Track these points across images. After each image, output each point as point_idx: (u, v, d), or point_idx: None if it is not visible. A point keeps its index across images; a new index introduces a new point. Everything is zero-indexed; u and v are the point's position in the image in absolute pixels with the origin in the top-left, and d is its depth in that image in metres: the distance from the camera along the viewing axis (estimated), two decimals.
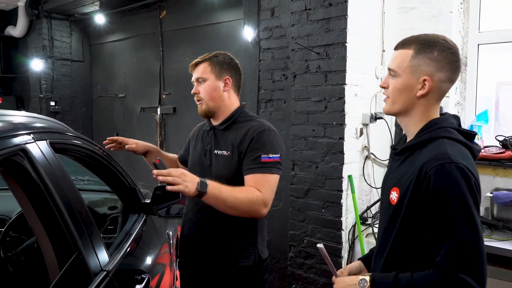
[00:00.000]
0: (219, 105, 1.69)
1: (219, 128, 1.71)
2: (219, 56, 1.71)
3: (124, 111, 5.68)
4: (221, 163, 1.65)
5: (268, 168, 1.55)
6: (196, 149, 1.78)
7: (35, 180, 1.05)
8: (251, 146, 1.58)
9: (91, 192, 2.42)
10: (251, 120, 1.69)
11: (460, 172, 1.02)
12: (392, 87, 1.18)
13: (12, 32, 5.83)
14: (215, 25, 4.53)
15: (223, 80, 1.69)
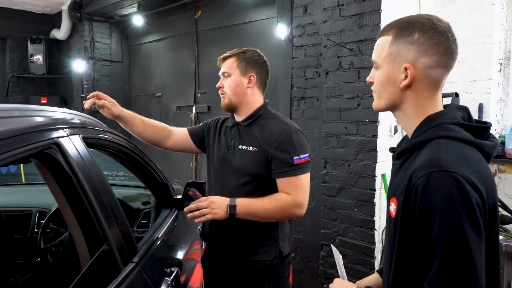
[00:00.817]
0: (241, 100, 1.71)
1: (242, 124, 1.72)
2: (247, 53, 1.72)
3: (161, 110, 5.82)
4: (246, 158, 1.66)
5: (301, 169, 1.59)
6: (220, 144, 1.78)
7: (67, 173, 1.09)
8: (280, 149, 1.59)
9: (125, 187, 2.50)
10: (274, 118, 1.70)
11: (453, 183, 0.82)
12: (376, 81, 1.02)
13: (57, 34, 6.10)
14: (249, 24, 4.55)
15: (248, 76, 1.70)
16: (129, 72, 6.37)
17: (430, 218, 0.83)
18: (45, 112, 1.16)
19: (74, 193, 1.11)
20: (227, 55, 1.74)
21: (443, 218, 0.82)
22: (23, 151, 0.92)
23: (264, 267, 1.66)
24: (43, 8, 6.06)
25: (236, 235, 1.68)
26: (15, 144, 0.89)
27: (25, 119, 1.01)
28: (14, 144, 0.89)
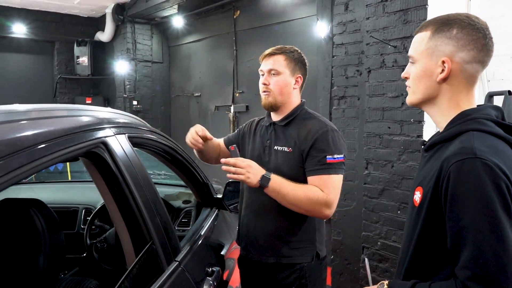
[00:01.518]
0: (286, 101, 1.66)
1: (279, 124, 1.68)
2: (295, 52, 1.67)
3: (199, 110, 5.89)
4: (281, 159, 1.62)
5: (334, 169, 1.52)
6: (255, 144, 1.75)
7: (114, 171, 1.11)
8: (314, 147, 1.54)
9: (167, 186, 2.54)
10: (312, 118, 1.65)
11: (485, 170, 0.84)
12: (412, 75, 1.05)
13: (101, 37, 6.32)
14: (288, 23, 4.52)
15: (296, 77, 1.66)
16: (169, 72, 6.50)
17: (462, 203, 0.86)
18: (92, 112, 1.19)
19: (120, 191, 1.13)
20: (274, 51, 1.66)
21: (476, 204, 0.85)
22: (73, 150, 0.94)
23: (301, 269, 1.62)
24: (89, 12, 6.29)
25: (272, 236, 1.64)
26: (66, 143, 0.91)
27: (75, 118, 1.04)
28: (65, 143, 0.91)
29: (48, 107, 1.00)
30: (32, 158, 0.79)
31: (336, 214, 3.37)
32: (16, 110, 0.88)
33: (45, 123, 0.92)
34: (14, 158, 0.74)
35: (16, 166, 0.75)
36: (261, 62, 1.69)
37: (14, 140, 0.79)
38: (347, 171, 3.26)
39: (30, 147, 0.80)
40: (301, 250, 1.62)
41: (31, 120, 0.91)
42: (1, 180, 0.69)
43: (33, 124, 0.90)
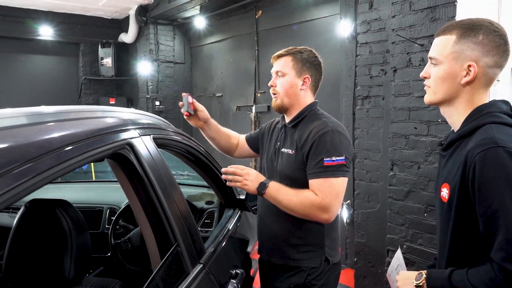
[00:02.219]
0: (293, 102, 1.64)
1: (288, 125, 1.67)
2: (304, 53, 1.64)
3: (221, 110, 5.90)
4: (285, 161, 1.61)
5: (331, 172, 1.48)
6: (270, 146, 1.75)
7: (139, 173, 1.11)
8: (313, 150, 1.51)
9: (190, 186, 2.54)
10: (317, 119, 1.60)
11: (509, 155, 0.92)
12: (434, 76, 1.10)
13: (124, 38, 6.40)
14: (310, 22, 4.47)
15: (303, 78, 1.62)
16: (191, 73, 6.54)
17: (490, 190, 0.93)
18: (118, 113, 1.19)
19: (145, 193, 1.13)
20: (282, 53, 1.66)
21: (503, 188, 0.91)
22: (100, 151, 0.94)
23: (307, 272, 1.58)
24: (112, 14, 6.38)
25: (279, 239, 1.63)
26: (93, 145, 0.91)
27: (101, 120, 1.04)
28: (92, 145, 0.91)
29: (74, 109, 1.00)
30: (60, 160, 0.79)
31: (359, 216, 3.32)
32: (43, 112, 0.89)
33: (72, 125, 0.92)
34: (43, 160, 0.74)
35: (45, 168, 0.75)
36: (273, 64, 1.69)
37: (42, 142, 0.79)
38: (371, 172, 3.21)
39: (58, 149, 0.79)
40: (308, 254, 1.59)
41: (59, 122, 0.91)
42: (31, 182, 0.69)
43: (60, 126, 0.90)
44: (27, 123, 0.83)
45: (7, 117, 0.78)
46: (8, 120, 0.78)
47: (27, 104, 4.42)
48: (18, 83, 6.18)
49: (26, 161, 0.70)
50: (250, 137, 1.93)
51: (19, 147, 0.72)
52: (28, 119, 0.85)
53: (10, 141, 0.73)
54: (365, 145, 3.23)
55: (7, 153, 0.69)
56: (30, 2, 5.63)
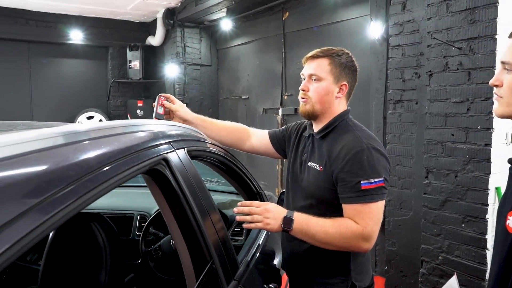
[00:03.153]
0: (325, 110, 1.47)
1: (316, 136, 1.49)
2: (342, 56, 1.46)
3: (247, 112, 5.88)
4: (312, 178, 1.44)
5: (371, 196, 1.31)
6: (296, 156, 1.58)
7: (174, 188, 1.08)
8: (347, 170, 1.33)
9: (219, 193, 2.52)
10: (349, 131, 1.42)
11: None
12: (509, 84, 0.93)
13: (152, 41, 6.47)
14: (339, 24, 4.39)
15: (340, 85, 1.46)
16: (217, 75, 6.55)
17: None
18: (151, 127, 1.16)
19: (180, 209, 1.10)
20: (318, 54, 1.46)
21: None
22: (136, 169, 0.92)
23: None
24: (140, 17, 6.46)
25: (303, 258, 1.49)
26: (129, 163, 0.89)
27: (135, 135, 1.01)
28: (129, 163, 0.89)
29: (107, 125, 0.97)
30: (99, 181, 0.76)
31: (390, 224, 3.23)
32: (76, 131, 0.87)
33: (107, 142, 0.90)
34: (82, 182, 0.72)
35: (87, 190, 0.73)
36: (304, 65, 1.51)
37: (80, 162, 0.77)
38: (403, 179, 3.11)
39: (96, 169, 0.77)
40: (332, 279, 1.44)
41: (93, 140, 0.89)
42: (70, 208, 0.67)
43: (96, 144, 0.88)
44: (63, 143, 0.81)
45: (43, 138, 0.76)
46: (44, 141, 0.76)
47: (59, 106, 4.52)
48: (51, 86, 6.34)
49: (67, 185, 0.68)
50: (275, 134, 1.73)
51: (58, 170, 0.70)
52: (63, 138, 0.83)
53: (49, 163, 0.71)
54: (397, 151, 3.14)
55: (47, 176, 0.67)
56: (62, 7, 5.76)
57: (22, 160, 0.65)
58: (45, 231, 0.61)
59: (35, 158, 0.68)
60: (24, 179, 0.61)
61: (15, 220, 0.53)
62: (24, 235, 0.54)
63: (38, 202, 0.59)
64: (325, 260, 1.43)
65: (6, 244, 0.51)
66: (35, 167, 0.66)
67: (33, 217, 0.57)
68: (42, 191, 0.63)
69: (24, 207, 0.56)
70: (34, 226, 0.56)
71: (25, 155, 0.66)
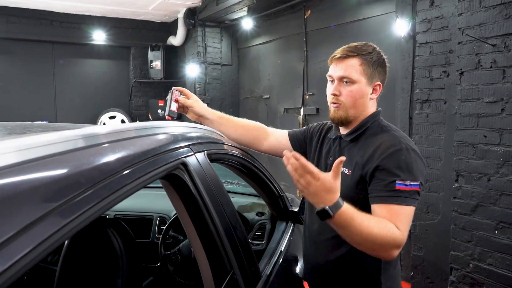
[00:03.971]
0: (359, 114, 1.36)
1: (345, 139, 1.38)
2: (373, 53, 1.34)
3: (268, 112, 5.82)
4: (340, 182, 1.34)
5: (404, 198, 1.17)
6: (320, 159, 1.47)
7: (193, 193, 1.03)
8: (382, 167, 1.21)
9: (240, 195, 2.46)
10: (385, 132, 1.32)
11: None
12: None
13: (173, 41, 6.48)
14: (362, 21, 4.27)
15: (374, 85, 1.34)
16: (238, 74, 6.50)
17: None
18: (170, 129, 1.11)
19: (199, 215, 1.05)
20: (348, 54, 1.33)
21: None
22: (154, 174, 0.87)
23: None
24: (162, 17, 6.47)
25: (328, 269, 1.38)
26: (147, 167, 0.84)
27: (155, 139, 0.96)
28: (147, 167, 0.84)
29: (124, 128, 0.92)
30: (112, 189, 0.71)
31: (417, 228, 3.10)
32: (96, 133, 0.82)
33: (121, 147, 0.85)
34: (103, 185, 0.68)
35: (105, 195, 0.68)
36: (330, 65, 1.39)
37: (101, 166, 0.72)
38: (430, 181, 2.99)
39: (109, 176, 0.72)
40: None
41: (107, 145, 0.84)
42: (92, 211, 0.63)
43: (110, 149, 0.83)
44: (83, 146, 0.76)
45: (63, 141, 0.72)
46: (62, 144, 0.72)
47: (82, 106, 4.56)
48: (74, 86, 6.42)
49: (86, 188, 0.64)
50: (295, 135, 1.61)
51: (67, 177, 0.65)
52: (84, 141, 0.78)
53: (68, 167, 0.66)
54: (424, 152, 3.02)
55: (67, 180, 0.63)
56: (85, 8, 5.82)
57: (39, 164, 0.62)
58: (64, 236, 0.59)
59: (47, 164, 0.64)
60: (43, 183, 0.59)
61: (34, 224, 0.52)
62: (44, 238, 0.53)
63: (57, 206, 0.57)
64: (354, 273, 1.34)
65: (26, 248, 0.50)
66: (50, 172, 0.63)
67: (53, 221, 0.56)
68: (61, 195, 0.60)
69: (43, 211, 0.55)
70: (54, 230, 0.55)
71: (42, 159, 0.63)
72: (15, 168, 0.58)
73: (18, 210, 0.52)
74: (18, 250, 0.49)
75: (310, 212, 1.48)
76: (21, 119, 5.99)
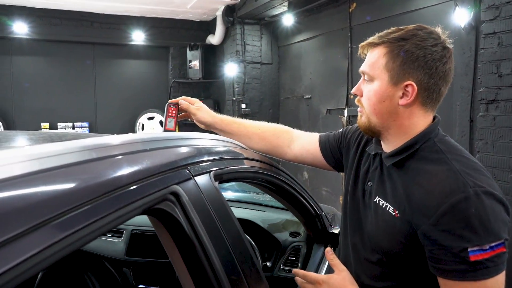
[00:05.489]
0: (387, 124, 0.99)
1: (386, 162, 1.01)
2: (409, 40, 0.94)
3: (310, 113, 5.49)
4: (382, 223, 0.98)
5: (486, 269, 0.81)
6: (357, 178, 1.12)
7: (187, 233, 0.76)
8: (443, 229, 0.85)
9: (271, 209, 2.17)
10: (440, 161, 0.91)
11: None
12: None
13: (211, 40, 6.30)
14: (415, 12, 3.85)
15: (402, 85, 0.95)
16: (278, 73, 6.22)
17: None
18: (162, 143, 0.84)
19: (196, 263, 0.77)
20: (373, 41, 1.01)
21: None
22: (125, 212, 0.60)
23: None
24: (200, 16, 6.31)
25: None
26: (112, 205, 0.58)
27: (127, 161, 0.69)
28: (111, 205, 0.58)
29: (81, 145, 0.66)
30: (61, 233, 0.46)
31: None
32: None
33: (76, 173, 0.59)
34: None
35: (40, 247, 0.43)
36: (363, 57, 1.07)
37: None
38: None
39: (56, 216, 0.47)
40: None
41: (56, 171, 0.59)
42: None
43: (58, 177, 0.57)
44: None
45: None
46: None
47: (121, 106, 4.50)
48: (114, 86, 6.41)
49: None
50: (327, 142, 1.28)
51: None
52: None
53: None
54: (490, 161, 2.59)
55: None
56: (124, 8, 5.76)
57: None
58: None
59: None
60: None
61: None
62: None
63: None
64: None
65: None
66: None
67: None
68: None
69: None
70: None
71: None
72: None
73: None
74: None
75: (344, 248, 1.15)
76: (63, 120, 6.05)
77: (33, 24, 5.60)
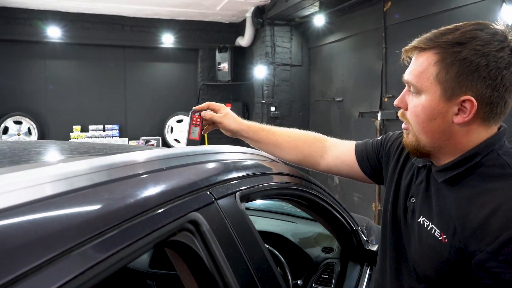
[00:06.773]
0: (439, 144, 0.84)
1: (440, 175, 0.85)
2: (468, 45, 0.76)
3: (341, 116, 5.31)
4: (426, 249, 0.84)
5: None
6: (399, 192, 0.98)
7: (209, 269, 0.65)
8: (503, 259, 0.71)
9: (303, 220, 2.04)
10: (505, 178, 0.77)
11: None
12: None
13: (241, 42, 6.23)
14: (456, 10, 3.63)
15: (459, 102, 0.78)
16: (308, 75, 6.07)
17: None
18: (180, 161, 0.74)
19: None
20: (421, 45, 0.83)
21: None
22: (134, 250, 0.50)
23: None
24: (230, 18, 6.25)
25: None
26: (111, 244, 0.48)
27: (134, 184, 0.60)
28: (110, 244, 0.48)
29: (79, 169, 0.57)
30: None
31: None
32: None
33: (72, 203, 0.49)
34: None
35: None
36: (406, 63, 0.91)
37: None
38: None
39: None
40: None
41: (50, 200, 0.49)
42: None
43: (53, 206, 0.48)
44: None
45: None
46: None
47: (151, 109, 4.50)
48: (144, 89, 6.43)
49: None
50: (365, 151, 1.14)
51: None
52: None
53: None
54: None
55: None
56: (154, 11, 5.77)
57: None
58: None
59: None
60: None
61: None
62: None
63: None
64: None
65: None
66: None
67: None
68: None
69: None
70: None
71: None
72: None
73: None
74: None
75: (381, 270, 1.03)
76: (94, 122, 6.12)
77: (66, 28, 5.69)
